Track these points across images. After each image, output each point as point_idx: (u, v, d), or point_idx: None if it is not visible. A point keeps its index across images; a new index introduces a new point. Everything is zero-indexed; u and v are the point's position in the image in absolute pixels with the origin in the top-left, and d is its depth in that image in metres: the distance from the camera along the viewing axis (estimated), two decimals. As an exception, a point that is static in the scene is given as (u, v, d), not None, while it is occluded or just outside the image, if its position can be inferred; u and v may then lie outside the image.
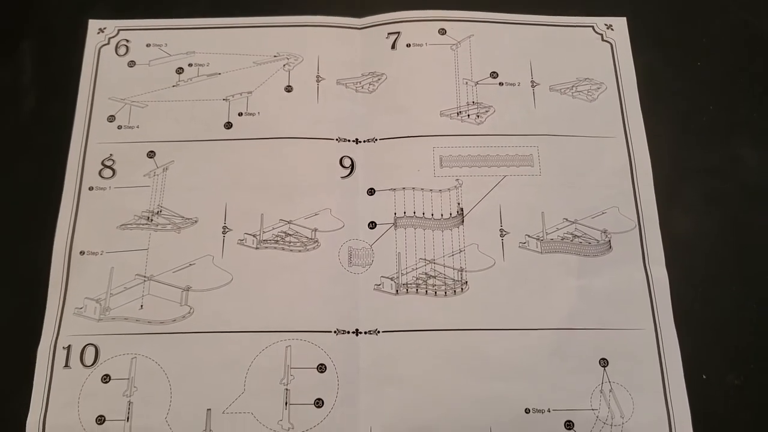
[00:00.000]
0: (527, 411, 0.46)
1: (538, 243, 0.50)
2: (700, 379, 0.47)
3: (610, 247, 0.50)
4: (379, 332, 0.48)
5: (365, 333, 0.48)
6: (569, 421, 0.46)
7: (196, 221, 0.50)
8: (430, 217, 0.51)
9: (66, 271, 0.49)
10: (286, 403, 0.46)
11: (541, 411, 0.46)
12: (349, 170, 0.52)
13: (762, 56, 0.56)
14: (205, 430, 0.45)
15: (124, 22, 0.56)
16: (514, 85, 0.54)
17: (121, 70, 0.55)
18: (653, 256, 0.50)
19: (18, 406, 0.46)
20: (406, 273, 0.49)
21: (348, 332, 0.48)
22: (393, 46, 0.55)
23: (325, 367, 0.47)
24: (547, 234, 0.50)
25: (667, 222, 0.51)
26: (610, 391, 0.46)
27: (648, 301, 0.49)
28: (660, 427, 0.46)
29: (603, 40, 0.56)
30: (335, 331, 0.48)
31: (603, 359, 0.47)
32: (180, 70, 0.55)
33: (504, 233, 0.50)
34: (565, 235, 0.50)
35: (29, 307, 0.48)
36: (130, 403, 0.46)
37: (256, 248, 0.50)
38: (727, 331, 0.48)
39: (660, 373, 0.47)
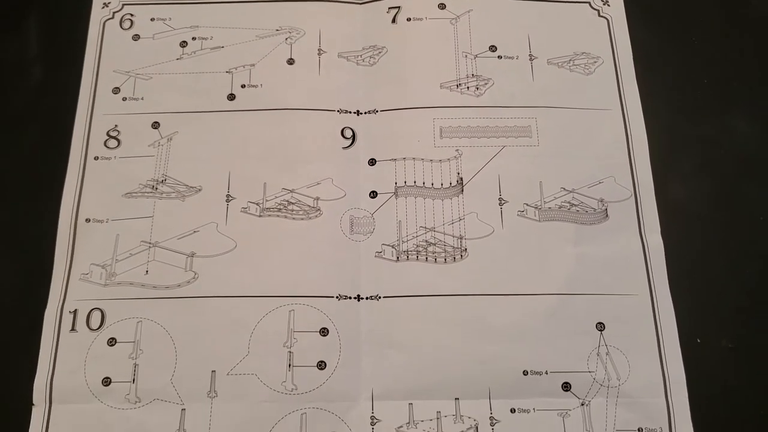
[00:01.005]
0: (525, 373, 0.47)
1: (536, 211, 0.51)
2: (695, 342, 0.48)
3: (607, 215, 0.51)
4: (380, 298, 0.48)
5: (366, 298, 0.48)
6: (566, 383, 0.47)
7: (200, 190, 0.51)
8: (431, 186, 0.51)
9: (72, 238, 0.50)
10: (289, 365, 0.47)
11: (539, 373, 0.47)
12: (350, 141, 0.53)
13: (755, 32, 0.57)
14: (210, 391, 0.46)
15: (128, -3, 0.57)
16: (512, 58, 0.55)
17: (125, 43, 0.56)
18: (649, 224, 0.51)
19: (25, 369, 0.47)
20: (407, 240, 0.50)
21: (350, 297, 0.48)
22: (393, 21, 0.56)
23: (328, 331, 0.48)
24: (545, 203, 0.51)
25: (662, 191, 0.52)
26: (607, 354, 0.47)
27: (644, 268, 0.50)
28: (655, 389, 0.47)
29: (599, 15, 0.57)
30: (337, 297, 0.48)
31: (600, 323, 0.48)
32: (184, 44, 0.56)
33: (503, 202, 0.51)
34: (563, 203, 0.51)
35: (36, 273, 0.49)
36: (135, 365, 0.47)
37: (260, 216, 0.50)
38: (721, 297, 0.49)
39: (655, 337, 0.48)
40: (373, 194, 0.51)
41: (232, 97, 0.54)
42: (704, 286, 0.50)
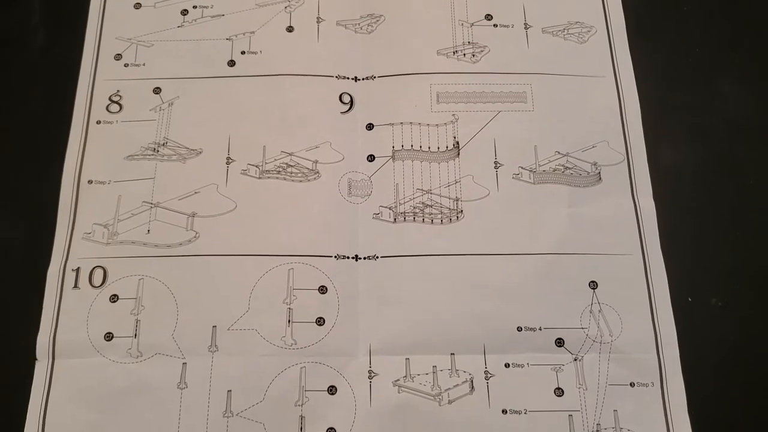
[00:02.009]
0: (519, 329, 0.48)
1: (531, 174, 0.52)
2: (686, 301, 0.49)
3: (600, 178, 0.52)
4: (378, 257, 0.49)
5: (364, 258, 0.49)
6: (560, 339, 0.48)
7: (200, 152, 0.52)
8: (427, 150, 0.52)
9: (75, 199, 0.51)
10: (289, 321, 0.48)
11: (533, 329, 0.48)
12: (348, 106, 0.54)
13: (746, 1, 0.58)
14: (211, 345, 0.47)
15: (130, -34, 0.58)
16: (507, 26, 0.56)
17: (127, 12, 0.57)
18: (641, 187, 0.52)
19: (28, 325, 0.47)
20: (404, 203, 0.51)
21: (348, 257, 0.49)
22: (391, -11, 0.57)
23: (326, 289, 0.48)
24: (539, 166, 0.52)
25: (654, 156, 0.53)
26: (600, 311, 0.48)
27: (636, 229, 0.51)
28: (647, 345, 0.48)
29: (593, -15, 0.58)
30: (335, 256, 0.49)
31: (593, 282, 0.49)
32: (185, 12, 0.56)
33: (498, 165, 0.52)
34: (557, 166, 0.52)
35: (39, 233, 0.50)
36: (137, 321, 0.47)
37: (259, 178, 0.51)
38: (712, 258, 0.51)
39: (647, 296, 0.49)
40: (371, 158, 0.52)
41: (232, 63, 0.55)
42: (695, 246, 0.51)
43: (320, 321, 0.48)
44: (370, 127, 0.53)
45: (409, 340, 0.47)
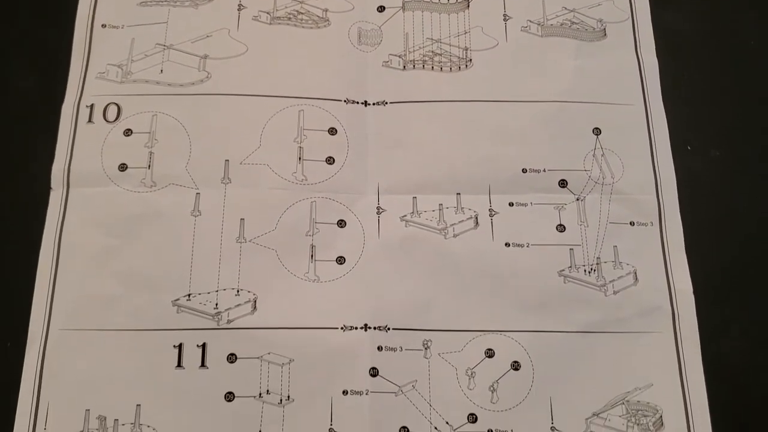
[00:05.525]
0: (524, 171, 0.49)
1: (539, 27, 0.53)
2: (686, 150, 0.51)
3: (605, 34, 0.53)
4: (386, 103, 0.50)
5: (373, 104, 0.50)
6: (563, 180, 0.49)
7: (212, -1, 0.52)
8: (437, 1, 0.53)
9: (88, 42, 0.51)
10: (299, 159, 0.49)
11: (537, 171, 0.49)
12: (359, -40, 0.54)
13: None
14: (224, 177, 0.48)
15: None
16: None
17: None
18: (644, 44, 0.53)
19: (45, 158, 0.48)
20: (414, 51, 0.52)
21: (357, 102, 0.50)
22: None
23: (336, 131, 0.49)
24: (547, 20, 0.53)
25: (658, 15, 0.54)
26: (602, 155, 0.50)
27: (639, 82, 0.52)
28: (647, 188, 0.49)
29: None
30: (345, 101, 0.50)
31: (596, 128, 0.50)
32: None
33: (507, 18, 0.53)
34: (564, 21, 0.53)
35: (54, 74, 0.50)
36: (151, 153, 0.48)
37: (270, 24, 0.52)
38: (711, 112, 0.52)
39: (648, 143, 0.50)
40: (381, 8, 0.53)
41: None
42: (696, 101, 0.52)
43: (330, 160, 0.49)
44: (380, -21, 0.53)
45: (416, 181, 0.49)
